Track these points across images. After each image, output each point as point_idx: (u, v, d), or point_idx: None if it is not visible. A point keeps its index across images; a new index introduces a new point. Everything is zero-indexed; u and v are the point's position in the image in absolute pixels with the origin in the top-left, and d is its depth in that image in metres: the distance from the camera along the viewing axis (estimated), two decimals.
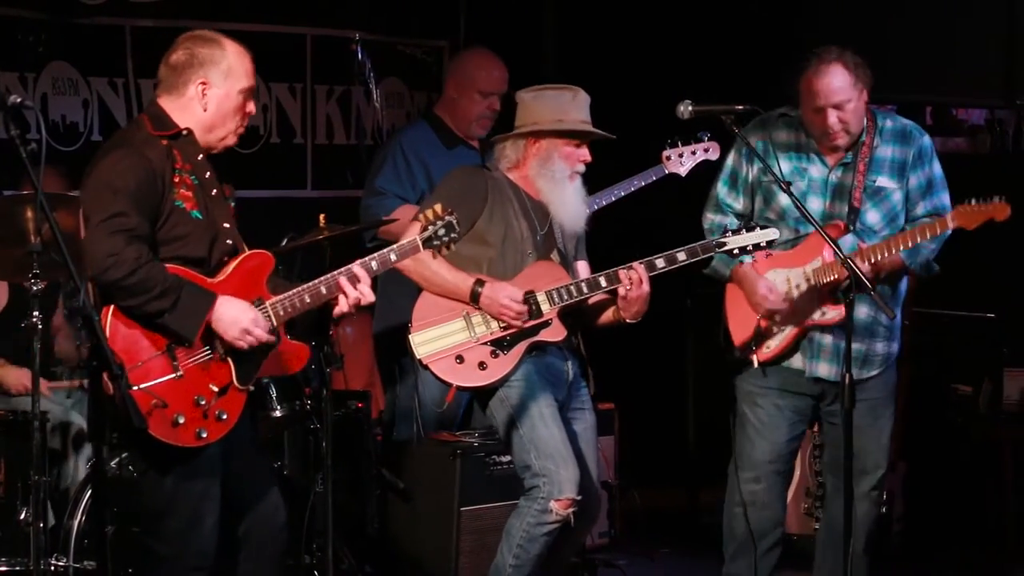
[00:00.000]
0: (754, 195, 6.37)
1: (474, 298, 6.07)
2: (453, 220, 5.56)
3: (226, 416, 5.28)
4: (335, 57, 8.70)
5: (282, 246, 6.41)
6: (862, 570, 6.35)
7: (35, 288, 5.36)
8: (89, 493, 6.39)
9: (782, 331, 6.26)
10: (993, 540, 8.04)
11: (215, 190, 5.40)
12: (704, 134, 7.22)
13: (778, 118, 6.36)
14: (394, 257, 5.56)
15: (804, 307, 6.23)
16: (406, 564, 7.14)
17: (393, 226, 6.91)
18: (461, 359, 6.09)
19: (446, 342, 6.09)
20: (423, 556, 7.06)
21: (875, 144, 6.27)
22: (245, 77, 5.40)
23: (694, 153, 7.26)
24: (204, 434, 5.24)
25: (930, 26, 8.41)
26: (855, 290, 5.76)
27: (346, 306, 5.47)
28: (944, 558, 7.97)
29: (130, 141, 5.34)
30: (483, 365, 6.09)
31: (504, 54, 7.62)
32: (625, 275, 6.03)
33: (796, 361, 6.30)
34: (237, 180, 5.67)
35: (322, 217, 6.36)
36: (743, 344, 6.32)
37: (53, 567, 6.37)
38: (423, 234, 5.55)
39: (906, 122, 6.38)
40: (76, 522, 6.40)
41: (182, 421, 5.19)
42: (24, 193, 5.64)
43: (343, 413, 7.08)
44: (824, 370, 6.26)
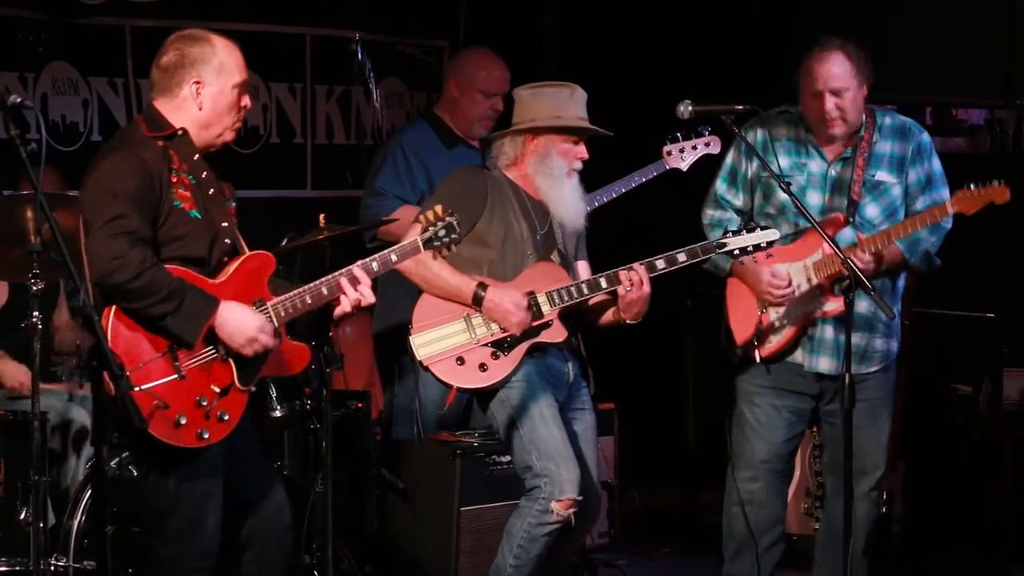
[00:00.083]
0: (753, 191, 6.38)
1: (476, 301, 6.06)
2: (454, 221, 5.56)
3: (228, 417, 5.28)
4: (335, 57, 8.69)
5: (282, 246, 6.41)
6: (862, 570, 6.35)
7: (35, 288, 5.35)
8: (89, 493, 6.39)
9: (783, 325, 6.26)
10: (993, 540, 8.04)
11: (213, 189, 5.39)
12: (705, 128, 7.20)
13: (778, 115, 6.38)
14: (395, 258, 5.56)
15: (805, 300, 6.24)
16: (406, 564, 7.14)
17: (393, 226, 6.91)
18: (462, 360, 6.09)
19: (446, 344, 6.08)
20: (423, 556, 7.06)
21: (874, 140, 6.28)
22: (238, 72, 5.39)
23: (695, 148, 7.23)
24: (206, 435, 5.23)
25: (930, 26, 8.41)
26: (855, 289, 5.77)
27: (347, 307, 5.47)
28: (944, 558, 7.97)
29: (126, 144, 5.34)
30: (484, 366, 6.08)
31: (504, 54, 7.61)
32: (625, 276, 6.02)
33: (797, 356, 6.30)
34: (237, 180, 5.65)
35: (322, 217, 6.36)
36: (744, 341, 6.32)
37: (53, 567, 6.37)
38: (424, 235, 5.54)
39: (905, 119, 6.40)
40: (76, 522, 6.40)
41: (184, 422, 5.19)
42: (24, 193, 5.63)
43: (343, 413, 7.08)
44: (825, 365, 6.26)
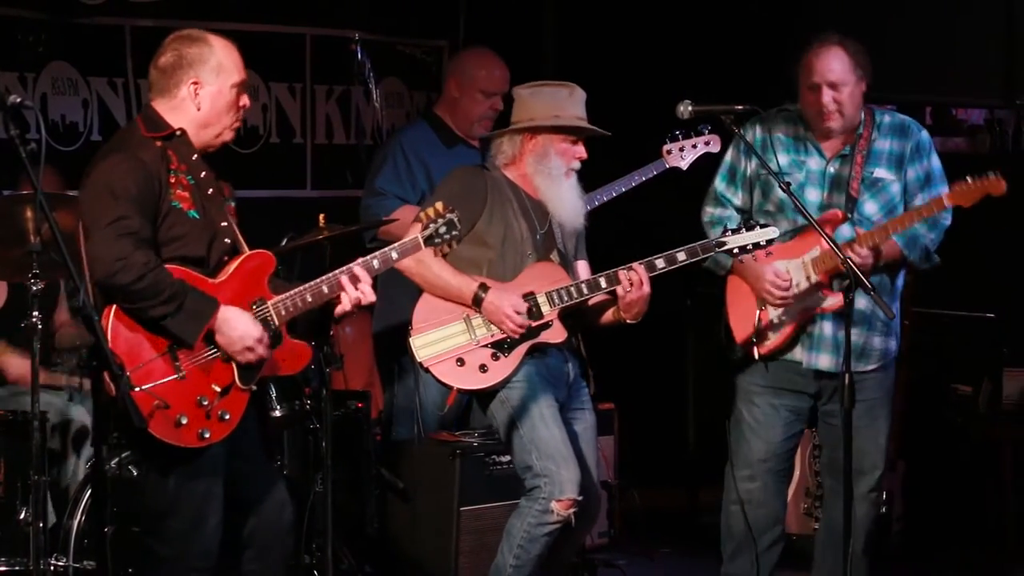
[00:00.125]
0: (753, 189, 6.38)
1: (477, 303, 6.06)
2: (454, 218, 5.54)
3: (229, 416, 5.28)
4: (335, 57, 8.69)
5: (282, 246, 6.40)
6: (861, 570, 6.35)
7: (35, 288, 5.35)
8: (89, 493, 6.38)
9: (782, 323, 6.26)
10: (993, 540, 8.03)
11: (211, 189, 5.38)
12: (705, 127, 7.20)
13: (777, 113, 6.38)
14: (396, 255, 5.55)
15: (804, 296, 6.24)
16: (406, 564, 7.14)
17: (393, 226, 6.90)
18: (462, 362, 6.08)
19: (446, 345, 6.08)
20: (423, 556, 7.06)
21: (873, 137, 6.29)
22: (236, 71, 5.39)
23: (695, 146, 7.23)
24: (207, 434, 5.23)
25: (930, 26, 8.41)
26: (854, 288, 5.76)
27: (348, 305, 5.46)
28: (944, 558, 7.97)
29: (125, 145, 5.34)
30: (484, 367, 6.08)
31: (504, 54, 7.61)
32: (625, 276, 6.02)
33: (796, 354, 6.30)
34: (236, 180, 5.66)
35: (322, 217, 6.35)
36: (744, 338, 6.32)
37: (53, 567, 6.36)
38: (424, 232, 5.53)
39: (904, 117, 6.42)
40: (76, 522, 6.40)
41: (184, 422, 5.19)
42: (24, 193, 5.63)
43: (343, 413, 7.07)
44: (825, 362, 6.26)
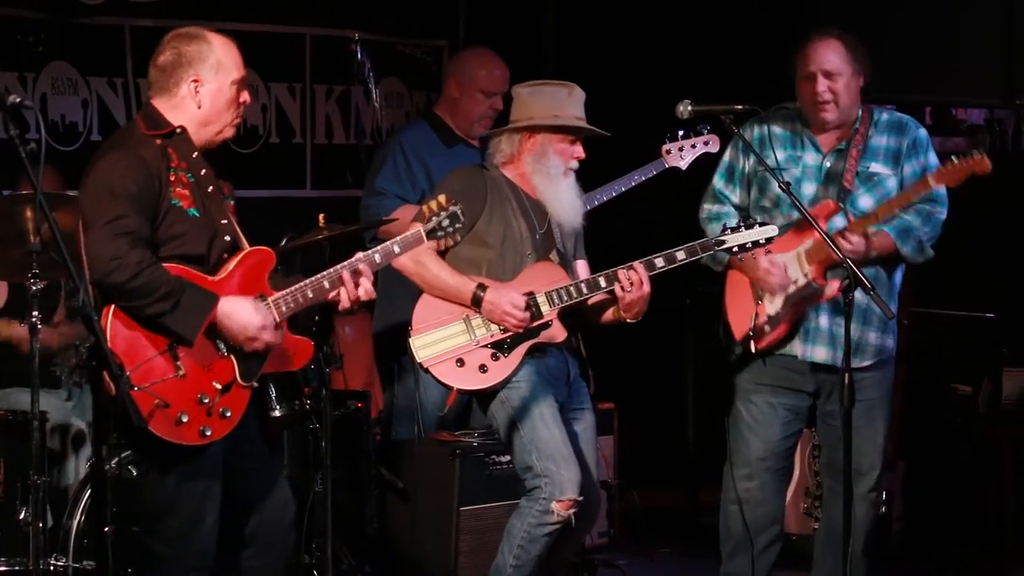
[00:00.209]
0: (750, 186, 6.40)
1: (476, 302, 6.05)
2: (457, 211, 5.52)
3: (230, 413, 5.27)
4: (334, 57, 8.69)
5: (281, 246, 6.40)
6: (861, 570, 6.35)
7: (35, 288, 5.35)
8: (89, 493, 6.39)
9: (779, 315, 6.25)
10: (993, 540, 8.03)
11: (212, 187, 5.38)
12: (704, 127, 7.20)
13: (776, 111, 6.39)
14: (397, 249, 5.54)
15: (799, 288, 6.22)
16: (406, 564, 7.14)
17: (393, 226, 6.89)
18: (461, 362, 6.08)
19: (446, 345, 6.08)
20: (423, 556, 7.06)
21: (870, 133, 6.31)
22: (235, 68, 5.39)
23: (694, 146, 7.24)
24: (208, 432, 5.23)
25: (930, 26, 8.41)
26: (854, 288, 5.76)
27: (347, 302, 5.45)
28: (944, 558, 7.97)
29: (125, 143, 5.34)
30: (484, 368, 6.08)
31: (504, 54, 7.61)
32: (625, 275, 6.02)
33: (793, 347, 6.29)
34: (236, 180, 5.66)
35: (321, 217, 6.35)
36: (742, 334, 6.32)
37: (52, 567, 6.37)
38: (427, 225, 5.51)
39: (903, 115, 6.44)
40: (76, 522, 6.40)
41: (185, 420, 5.19)
42: (24, 193, 5.63)
43: (342, 413, 7.07)
44: (821, 354, 6.26)
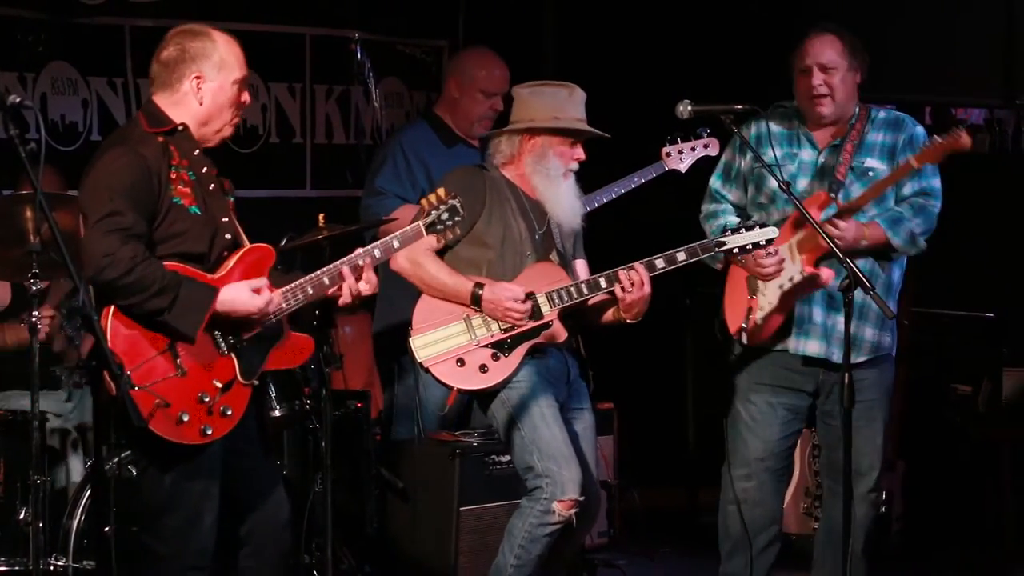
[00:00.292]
0: (747, 184, 6.41)
1: (475, 301, 6.05)
2: (457, 204, 5.50)
3: (231, 412, 5.27)
4: (334, 57, 8.69)
5: (281, 246, 6.39)
6: (861, 570, 6.34)
7: (35, 288, 5.35)
8: (88, 493, 6.39)
9: (772, 308, 6.23)
10: (992, 540, 8.02)
11: (213, 185, 5.38)
12: (704, 130, 7.22)
13: (773, 109, 6.40)
14: (397, 244, 5.53)
15: (793, 280, 6.22)
16: (406, 564, 7.13)
17: (393, 226, 6.88)
18: (462, 362, 6.08)
19: (446, 345, 6.07)
20: (423, 556, 7.06)
21: (866, 130, 6.31)
22: (238, 67, 5.39)
23: (694, 149, 7.25)
24: (209, 431, 5.23)
25: (929, 26, 8.42)
26: (854, 288, 5.75)
27: (349, 296, 5.44)
28: (943, 558, 7.97)
29: (126, 140, 5.33)
30: (484, 368, 6.08)
31: (504, 54, 7.60)
32: (625, 276, 6.02)
33: (787, 342, 6.29)
34: (236, 180, 5.64)
35: (321, 217, 6.33)
36: (736, 328, 6.32)
37: (52, 567, 6.37)
38: (426, 219, 5.50)
39: (900, 113, 6.44)
40: (76, 522, 6.40)
41: (186, 419, 5.18)
42: (24, 193, 5.64)
43: (342, 413, 7.08)
44: (813, 348, 6.26)
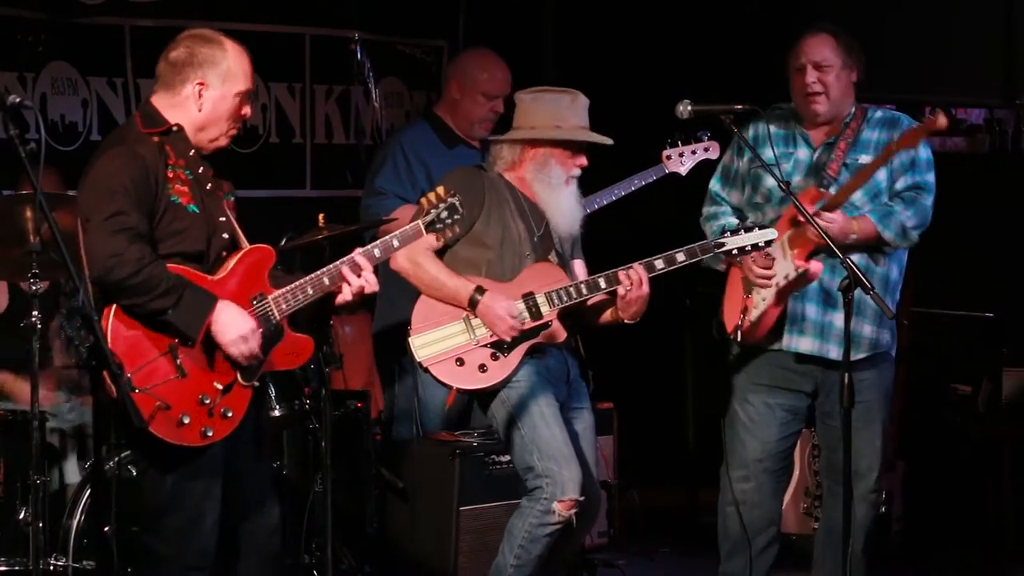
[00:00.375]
0: (744, 185, 6.41)
1: (472, 305, 6.05)
2: (456, 202, 5.50)
3: (231, 414, 5.27)
4: (334, 57, 8.69)
5: (281, 246, 6.40)
6: (861, 570, 6.34)
7: (35, 288, 5.35)
8: (88, 493, 6.39)
9: (766, 305, 6.22)
10: (992, 540, 8.03)
11: (210, 185, 5.38)
12: (704, 133, 7.22)
13: (771, 111, 6.41)
14: (397, 243, 5.53)
15: (787, 277, 6.21)
16: (405, 564, 7.14)
17: (392, 226, 6.89)
18: (461, 362, 6.08)
19: (446, 345, 6.08)
20: (422, 556, 7.06)
21: (861, 128, 6.31)
22: (244, 80, 5.38)
23: (694, 152, 7.26)
24: (210, 433, 5.22)
25: (929, 25, 8.42)
26: (853, 288, 5.75)
27: (350, 295, 5.43)
28: (943, 558, 7.97)
29: (123, 140, 5.33)
30: (483, 367, 6.08)
31: (504, 54, 7.60)
32: (624, 276, 6.03)
33: (782, 341, 6.29)
34: (236, 180, 5.64)
35: (321, 217, 6.34)
36: (732, 327, 6.32)
37: (52, 567, 6.37)
38: (426, 218, 5.50)
39: (897, 112, 6.44)
40: (76, 522, 6.40)
41: (187, 421, 5.18)
42: (23, 193, 5.63)
43: (342, 413, 7.08)
44: (806, 344, 6.26)
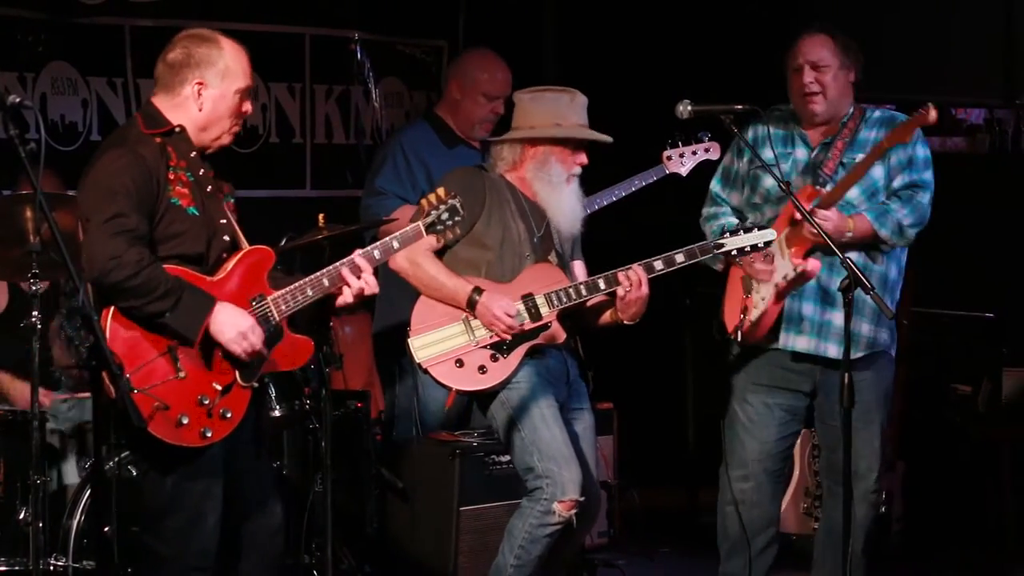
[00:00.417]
0: (743, 186, 6.41)
1: (471, 305, 6.05)
2: (456, 204, 5.49)
3: (231, 414, 5.26)
4: (334, 57, 8.69)
5: (281, 246, 6.40)
6: (861, 570, 6.34)
7: (35, 288, 5.35)
8: (88, 493, 6.38)
9: (765, 304, 6.22)
10: (992, 540, 8.03)
11: (211, 187, 5.37)
12: (704, 134, 7.22)
13: (770, 112, 6.41)
14: (397, 244, 5.52)
15: (786, 276, 6.21)
16: (405, 564, 7.14)
17: (393, 226, 6.89)
18: (461, 363, 6.08)
19: (445, 346, 6.08)
20: (422, 556, 7.06)
21: (859, 128, 6.31)
22: (242, 77, 5.37)
23: (695, 153, 7.26)
24: (209, 433, 5.22)
25: (928, 25, 8.42)
26: (853, 288, 5.75)
27: (350, 297, 5.43)
28: (943, 558, 7.97)
29: (124, 141, 5.32)
30: (483, 369, 6.08)
31: (504, 54, 7.60)
32: (624, 277, 6.03)
33: (779, 340, 6.29)
34: (236, 180, 5.64)
35: (321, 217, 6.35)
36: (732, 327, 6.32)
37: (52, 567, 6.37)
38: (426, 219, 5.49)
39: (895, 112, 6.43)
40: (76, 522, 6.40)
41: (186, 421, 5.18)
42: (23, 193, 5.64)
43: (342, 413, 7.08)
44: (803, 343, 6.26)
